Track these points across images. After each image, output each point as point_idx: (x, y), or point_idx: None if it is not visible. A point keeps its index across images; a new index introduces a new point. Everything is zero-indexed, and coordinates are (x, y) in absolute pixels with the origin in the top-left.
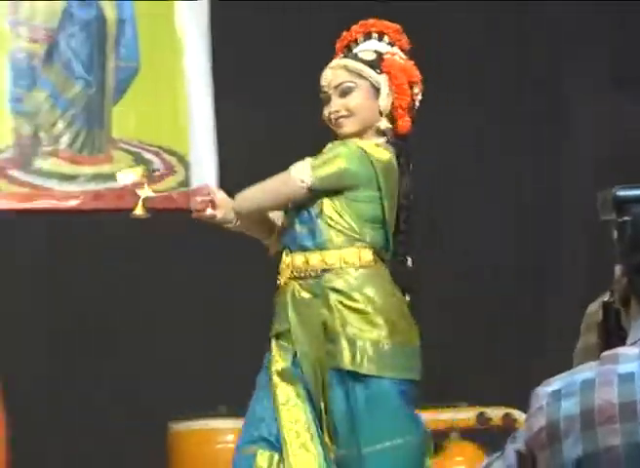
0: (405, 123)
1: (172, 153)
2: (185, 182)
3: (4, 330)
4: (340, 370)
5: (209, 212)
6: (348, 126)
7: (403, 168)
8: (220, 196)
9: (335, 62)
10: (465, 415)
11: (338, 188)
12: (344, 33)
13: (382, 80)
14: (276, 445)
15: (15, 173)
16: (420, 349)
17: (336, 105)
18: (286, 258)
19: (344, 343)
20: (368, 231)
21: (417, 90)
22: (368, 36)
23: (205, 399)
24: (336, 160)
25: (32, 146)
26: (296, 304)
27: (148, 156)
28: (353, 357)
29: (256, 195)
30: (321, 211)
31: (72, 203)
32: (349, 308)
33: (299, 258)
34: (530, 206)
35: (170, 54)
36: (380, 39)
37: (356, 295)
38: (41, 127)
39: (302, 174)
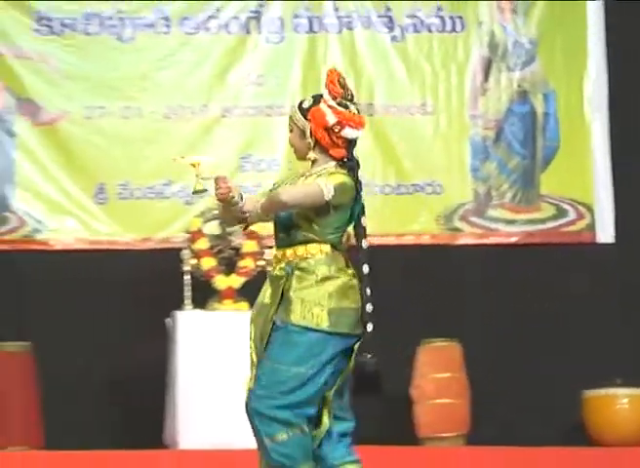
0: (336, 152)
1: (581, 204)
2: (591, 225)
3: None
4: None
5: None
6: (294, 153)
7: (355, 181)
8: (232, 183)
9: None
10: None
11: (340, 202)
12: None
13: (306, 125)
14: None
15: (474, 219)
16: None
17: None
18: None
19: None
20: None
21: (337, 129)
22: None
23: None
24: (336, 176)
25: (485, 200)
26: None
27: (565, 206)
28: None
29: (298, 196)
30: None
31: (513, 239)
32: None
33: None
34: None
35: (581, 132)
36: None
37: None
38: (492, 187)
39: (328, 189)
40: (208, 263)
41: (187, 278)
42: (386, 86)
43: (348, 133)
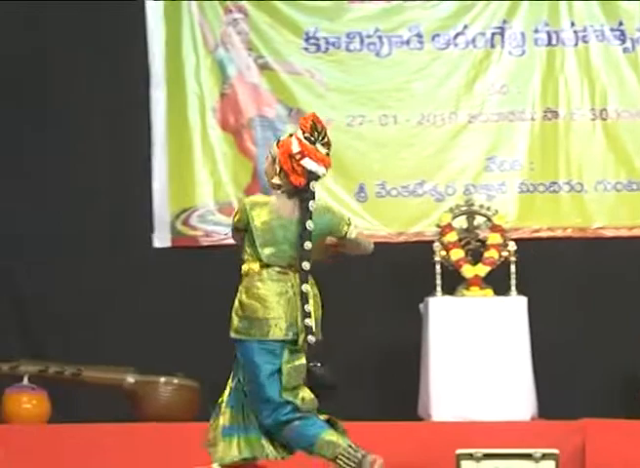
0: (295, 179)
1: None
2: None
3: None
4: None
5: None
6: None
7: (301, 206)
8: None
9: None
10: None
11: (242, 228)
12: None
13: (276, 152)
14: None
15: None
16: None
17: None
18: None
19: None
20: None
21: (298, 156)
22: None
23: None
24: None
25: None
26: None
27: None
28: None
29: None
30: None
31: None
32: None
33: None
34: None
35: None
36: None
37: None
38: None
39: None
40: (456, 254)
41: (438, 268)
42: (618, 93)
43: (307, 163)
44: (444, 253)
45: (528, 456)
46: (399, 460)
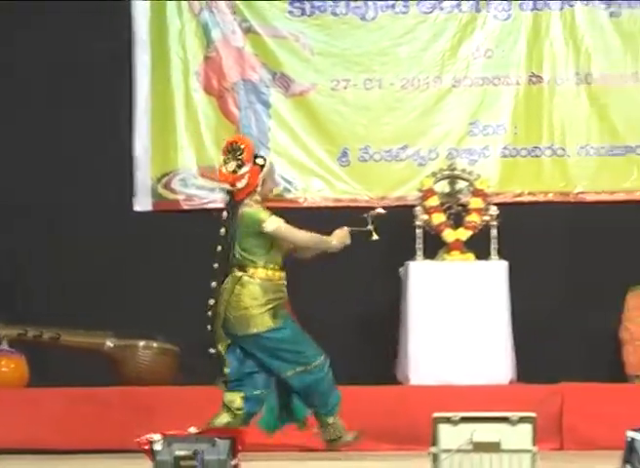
0: None
1: None
2: None
3: None
4: None
5: None
6: None
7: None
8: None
9: None
10: None
11: None
12: None
13: None
14: None
15: None
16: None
17: None
18: None
19: None
20: None
21: None
22: None
23: None
24: None
25: None
26: None
27: None
28: None
29: None
30: None
31: None
32: None
33: None
34: None
35: None
36: None
37: None
38: None
39: None
40: (438, 219)
41: (419, 232)
42: (603, 58)
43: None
44: (425, 217)
45: (505, 420)
46: (376, 424)
